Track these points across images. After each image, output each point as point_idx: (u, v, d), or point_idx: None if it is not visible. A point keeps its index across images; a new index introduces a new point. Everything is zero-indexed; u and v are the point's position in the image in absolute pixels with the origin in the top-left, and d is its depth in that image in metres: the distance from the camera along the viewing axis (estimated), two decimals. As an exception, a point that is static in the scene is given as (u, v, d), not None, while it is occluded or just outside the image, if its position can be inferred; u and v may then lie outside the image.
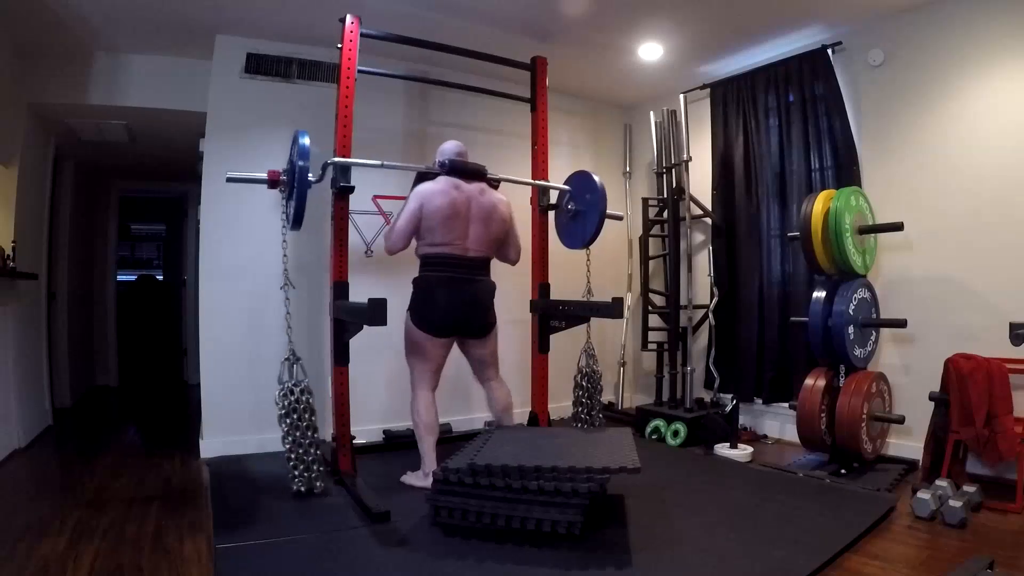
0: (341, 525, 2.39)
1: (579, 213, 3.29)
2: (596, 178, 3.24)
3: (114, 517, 2.47)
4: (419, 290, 2.87)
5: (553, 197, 3.55)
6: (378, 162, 2.96)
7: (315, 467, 2.69)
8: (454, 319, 2.84)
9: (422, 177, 2.95)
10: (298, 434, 2.65)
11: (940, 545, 2.24)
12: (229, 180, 2.68)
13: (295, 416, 2.64)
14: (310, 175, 2.65)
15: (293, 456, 2.66)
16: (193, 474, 3.13)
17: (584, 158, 4.76)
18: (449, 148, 2.96)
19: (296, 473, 2.67)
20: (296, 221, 2.69)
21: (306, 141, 2.61)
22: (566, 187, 3.37)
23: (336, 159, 2.84)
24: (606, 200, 3.19)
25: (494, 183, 3.06)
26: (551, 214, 3.57)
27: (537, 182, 3.46)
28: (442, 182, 2.84)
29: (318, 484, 2.70)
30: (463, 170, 2.90)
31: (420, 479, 2.80)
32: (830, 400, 3.13)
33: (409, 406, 2.90)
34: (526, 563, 2.05)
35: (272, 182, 2.76)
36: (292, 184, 2.68)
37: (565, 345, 3.68)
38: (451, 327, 2.86)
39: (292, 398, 2.65)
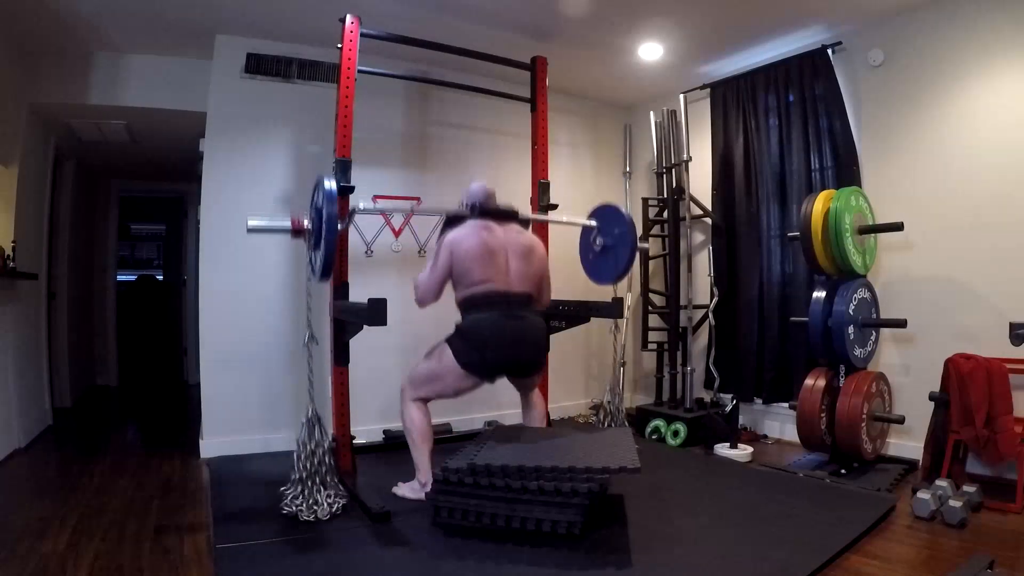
0: (341, 525, 2.39)
1: (607, 248, 3.17)
2: (624, 210, 3.16)
3: (114, 517, 2.46)
4: (465, 333, 2.60)
5: (556, 195, 3.55)
6: (407, 207, 2.87)
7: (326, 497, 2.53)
8: (506, 360, 2.62)
9: (450, 221, 2.78)
10: (314, 494, 2.50)
11: (940, 545, 2.24)
12: (251, 231, 2.47)
13: (317, 480, 2.49)
14: (339, 223, 2.46)
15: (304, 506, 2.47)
16: (193, 474, 3.13)
17: (584, 158, 4.76)
18: (476, 190, 2.80)
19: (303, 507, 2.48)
20: (325, 272, 2.45)
21: (332, 186, 2.40)
22: (592, 222, 3.24)
23: (362, 204, 2.77)
24: (636, 232, 3.08)
25: (525, 223, 2.93)
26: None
27: (565, 220, 3.32)
28: (470, 225, 2.68)
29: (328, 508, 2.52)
30: (494, 214, 2.76)
31: (414, 490, 2.65)
32: (830, 400, 3.13)
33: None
34: (526, 563, 2.05)
35: (296, 231, 2.51)
36: (319, 233, 2.46)
37: (565, 345, 3.68)
38: (501, 369, 2.65)
39: (315, 459, 2.49)
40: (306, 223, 2.51)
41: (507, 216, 2.82)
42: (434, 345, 2.71)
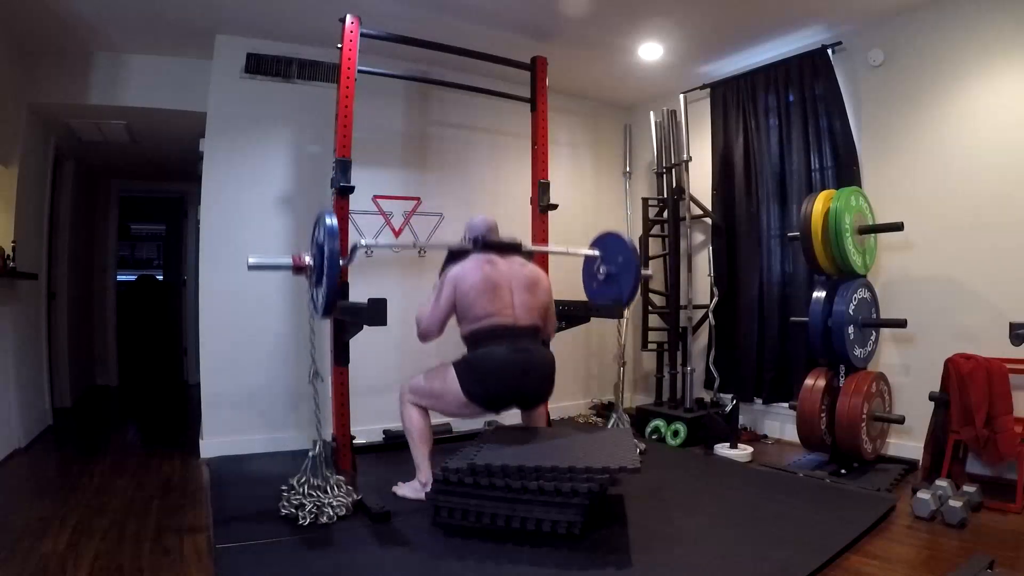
0: (341, 525, 2.39)
1: (611, 276, 3.17)
2: (626, 237, 3.17)
3: (114, 517, 2.46)
4: (471, 368, 2.57)
5: (557, 195, 3.54)
6: (410, 244, 2.90)
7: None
8: (510, 395, 2.61)
9: (452, 256, 2.76)
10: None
11: (940, 545, 2.25)
12: (251, 268, 2.42)
13: (316, 511, 2.42)
14: (340, 259, 2.41)
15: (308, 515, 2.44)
16: (193, 474, 3.13)
17: (584, 158, 4.77)
18: (479, 224, 2.78)
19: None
20: (327, 309, 2.40)
21: (333, 222, 2.35)
22: (595, 252, 3.24)
23: (363, 241, 2.73)
24: (639, 259, 3.08)
25: (529, 255, 2.91)
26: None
27: (569, 251, 3.32)
28: (473, 259, 2.66)
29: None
30: (497, 247, 2.74)
31: (415, 490, 2.65)
32: (830, 400, 3.13)
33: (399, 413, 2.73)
34: (526, 563, 2.05)
35: (297, 268, 2.47)
36: (320, 270, 2.41)
37: (565, 345, 3.68)
38: (507, 402, 2.64)
39: (315, 500, 2.44)
40: (307, 259, 2.47)
41: (510, 249, 2.78)
42: (438, 365, 2.68)
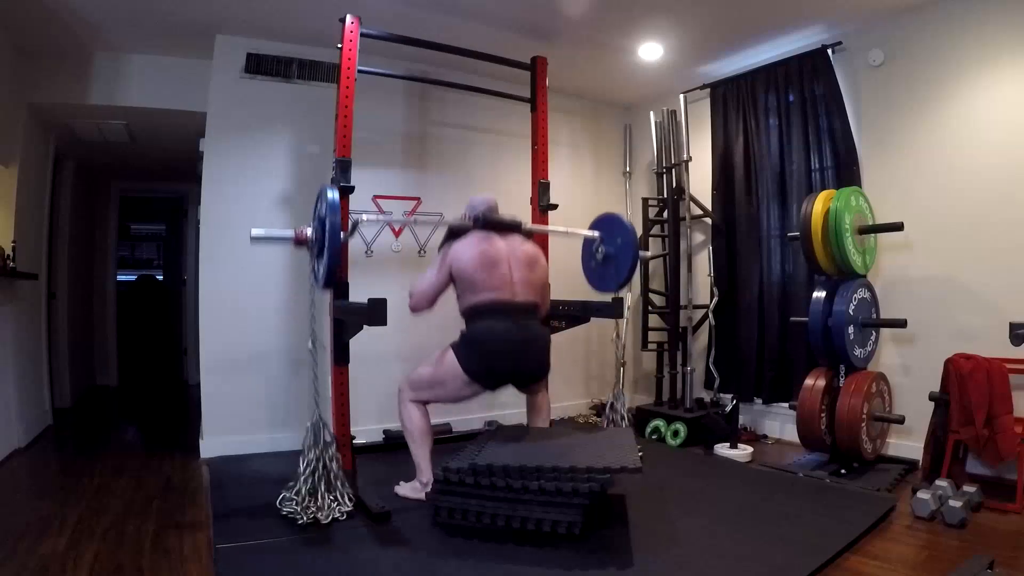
0: (341, 525, 2.39)
1: (609, 257, 3.17)
2: (625, 219, 3.16)
3: (114, 517, 2.47)
4: (469, 343, 2.61)
5: (557, 194, 3.55)
6: (411, 219, 2.88)
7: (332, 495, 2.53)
8: (510, 369, 2.64)
9: (453, 233, 2.77)
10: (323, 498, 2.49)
11: (940, 545, 2.25)
12: (254, 240, 2.53)
13: (323, 488, 2.48)
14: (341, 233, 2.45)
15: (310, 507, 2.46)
16: (193, 474, 3.13)
17: (584, 158, 4.77)
18: (479, 202, 2.80)
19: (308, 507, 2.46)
20: (328, 281, 2.49)
21: (335, 196, 2.42)
22: (594, 232, 3.23)
23: (365, 216, 2.73)
24: (637, 240, 3.09)
25: (528, 235, 2.93)
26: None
27: (567, 231, 3.32)
28: (472, 236, 2.68)
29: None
30: (497, 225, 2.75)
31: (416, 490, 2.66)
32: (830, 400, 3.13)
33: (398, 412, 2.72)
34: (527, 563, 2.05)
35: (298, 241, 2.56)
36: (322, 243, 2.47)
37: (565, 345, 3.68)
38: (506, 378, 2.68)
39: (320, 465, 2.48)
40: (308, 233, 2.53)
41: (510, 227, 2.81)
42: (436, 353, 2.69)
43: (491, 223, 2.75)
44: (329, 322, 3.03)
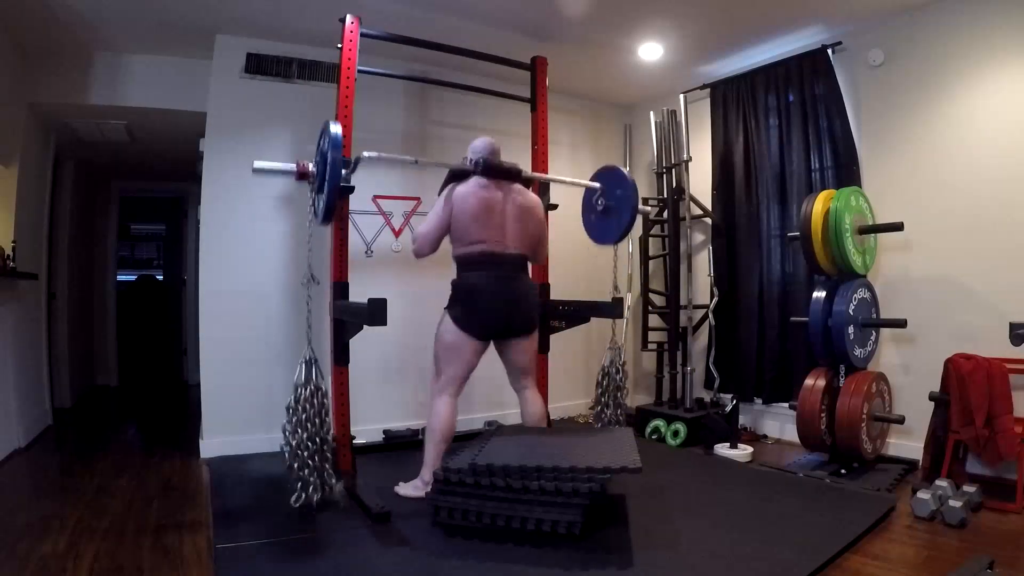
0: (341, 525, 2.39)
1: (610, 209, 3.22)
2: (626, 173, 3.21)
3: (114, 517, 2.47)
4: (459, 291, 2.70)
5: (557, 194, 3.55)
6: (412, 158, 2.98)
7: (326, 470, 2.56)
8: (497, 320, 2.69)
9: (453, 176, 2.79)
10: (314, 439, 2.52)
11: (940, 545, 2.25)
12: (256, 171, 2.64)
13: (317, 422, 2.51)
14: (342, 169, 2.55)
15: (305, 466, 2.49)
16: (193, 474, 3.13)
17: (584, 158, 4.76)
18: (481, 146, 2.79)
19: (306, 478, 2.49)
20: (327, 215, 2.61)
21: (337, 130, 2.50)
22: (596, 184, 3.30)
23: (366, 153, 2.73)
24: (638, 194, 3.17)
25: (528, 183, 2.95)
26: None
27: (569, 180, 3.38)
28: (473, 182, 2.70)
29: (331, 484, 2.58)
30: (497, 171, 2.75)
31: (416, 489, 2.67)
32: (830, 400, 3.13)
33: (429, 406, 2.74)
34: (527, 563, 2.05)
35: (300, 174, 2.67)
36: (323, 177, 2.55)
37: (565, 345, 3.68)
38: (493, 328, 2.71)
39: (315, 400, 2.52)
40: (311, 167, 2.63)
41: (510, 174, 2.81)
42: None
43: (492, 168, 2.75)
44: (329, 319, 3.02)
